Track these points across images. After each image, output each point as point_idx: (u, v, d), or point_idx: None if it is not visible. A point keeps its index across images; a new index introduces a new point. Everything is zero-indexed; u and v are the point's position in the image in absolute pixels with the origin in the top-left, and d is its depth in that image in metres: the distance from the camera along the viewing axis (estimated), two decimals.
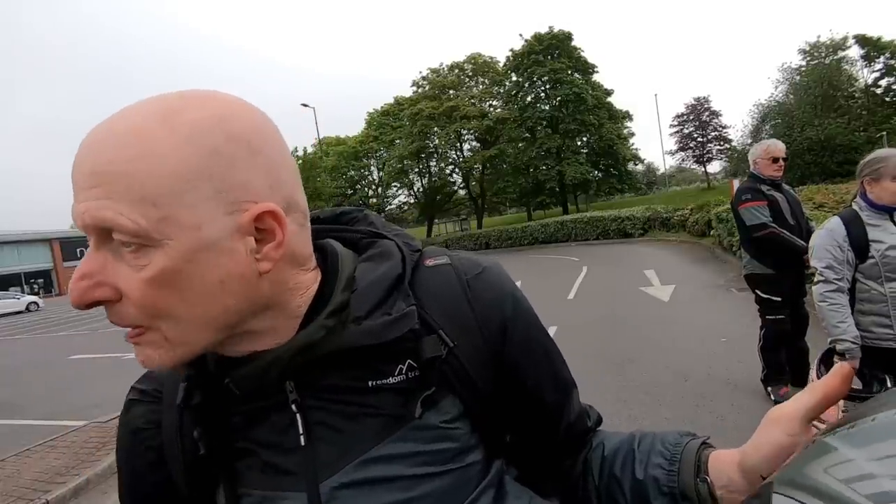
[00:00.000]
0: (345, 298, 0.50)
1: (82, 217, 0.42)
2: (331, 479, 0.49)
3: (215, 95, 0.46)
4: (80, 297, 0.43)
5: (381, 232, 0.59)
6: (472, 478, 0.52)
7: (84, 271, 0.42)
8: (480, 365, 0.54)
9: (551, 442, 0.62)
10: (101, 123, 0.43)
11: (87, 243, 0.45)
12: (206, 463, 0.51)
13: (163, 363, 0.45)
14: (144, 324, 0.44)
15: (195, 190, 0.42)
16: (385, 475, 0.49)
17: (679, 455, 0.54)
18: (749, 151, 3.51)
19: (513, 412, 0.58)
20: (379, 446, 0.49)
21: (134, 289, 0.42)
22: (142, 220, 0.40)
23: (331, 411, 0.50)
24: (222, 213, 0.43)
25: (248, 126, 0.45)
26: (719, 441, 0.54)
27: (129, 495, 0.59)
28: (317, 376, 0.49)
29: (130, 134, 0.41)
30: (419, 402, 0.51)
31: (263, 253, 0.45)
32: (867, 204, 2.05)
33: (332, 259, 0.53)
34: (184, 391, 0.51)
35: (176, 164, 0.41)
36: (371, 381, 0.50)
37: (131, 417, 0.57)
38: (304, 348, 0.47)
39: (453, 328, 0.53)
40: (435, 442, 0.51)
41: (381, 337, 0.49)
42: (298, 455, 0.49)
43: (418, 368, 0.51)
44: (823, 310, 2.06)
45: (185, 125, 0.42)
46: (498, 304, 0.56)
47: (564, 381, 0.62)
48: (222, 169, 0.43)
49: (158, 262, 0.41)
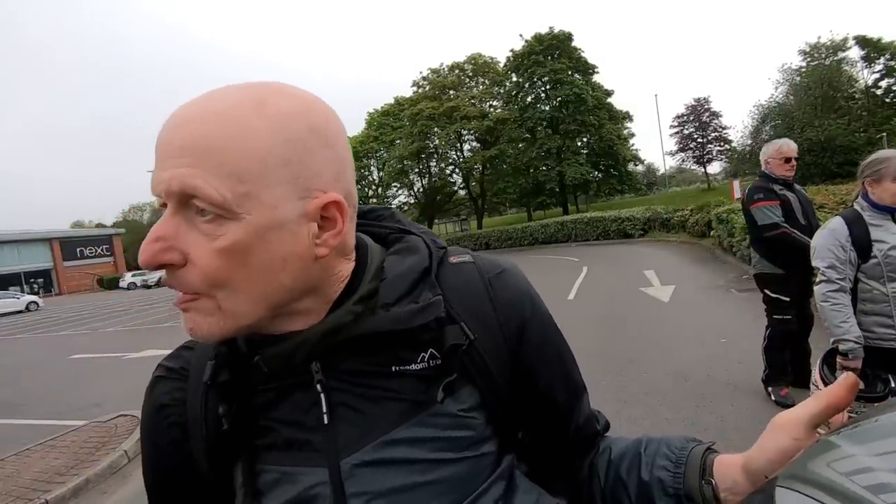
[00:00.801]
0: (373, 287, 0.52)
1: (168, 182, 0.44)
2: (351, 457, 0.50)
3: (298, 89, 0.49)
4: (151, 257, 0.44)
5: (408, 228, 0.62)
6: (485, 467, 0.54)
7: (158, 234, 0.44)
8: (498, 360, 0.56)
9: (561, 442, 0.63)
10: (192, 103, 0.46)
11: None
12: (228, 439, 0.53)
13: (211, 332, 0.47)
14: (203, 291, 0.46)
15: (277, 173, 0.45)
16: (404, 457, 0.51)
17: (685, 458, 0.55)
18: (761, 151, 3.50)
19: (525, 410, 0.59)
20: (399, 429, 0.51)
21: (203, 256, 0.45)
22: (228, 192, 0.43)
23: (354, 393, 0.52)
24: (295, 198, 0.46)
25: (325, 121, 0.49)
26: (720, 442, 0.55)
27: (151, 470, 0.60)
28: (342, 359, 0.51)
29: (226, 115, 0.44)
30: (441, 388, 0.52)
31: (323, 239, 0.48)
32: (869, 204, 2.05)
33: (362, 251, 0.56)
34: (212, 369, 0.53)
35: (264, 147, 0.44)
36: (395, 367, 0.52)
37: (157, 393, 0.58)
38: (332, 331, 0.50)
39: (474, 322, 0.55)
40: (452, 429, 0.53)
41: (408, 323, 0.51)
42: (320, 433, 0.51)
43: (440, 357, 0.53)
44: (826, 310, 2.06)
45: (276, 113, 0.45)
46: (518, 304, 0.58)
47: (575, 384, 0.64)
48: (302, 157, 0.46)
49: (233, 234, 0.44)
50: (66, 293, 43.88)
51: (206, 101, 0.45)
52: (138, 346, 9.79)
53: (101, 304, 24.90)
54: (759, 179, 3.47)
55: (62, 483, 3.67)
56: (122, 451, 4.15)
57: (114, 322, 15.70)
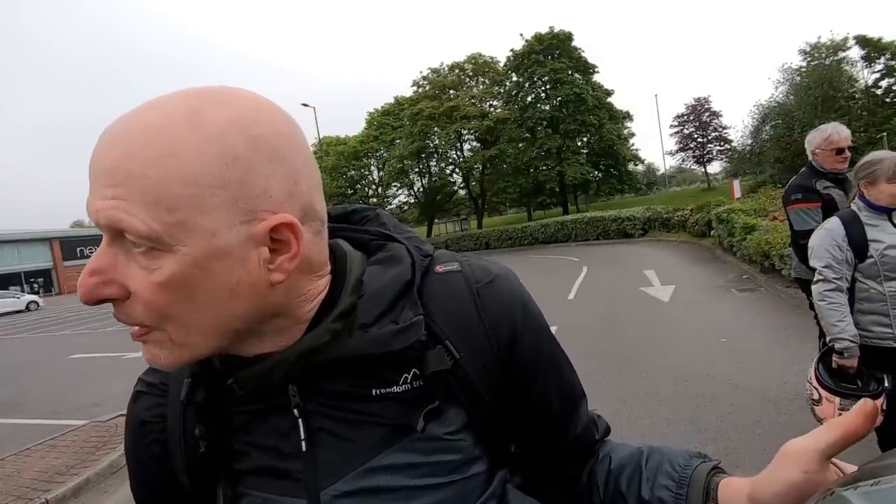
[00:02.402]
0: (352, 302, 0.49)
1: (96, 214, 0.41)
2: (331, 487, 0.48)
3: (239, 95, 0.44)
4: (89, 293, 0.42)
5: (391, 234, 0.58)
6: (474, 489, 0.51)
7: (94, 267, 0.42)
8: (486, 375, 0.53)
9: (557, 452, 0.61)
10: (124, 116, 0.42)
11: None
12: (207, 461, 0.52)
13: (168, 363, 0.45)
14: (151, 324, 0.43)
15: (212, 197, 0.40)
16: (387, 485, 0.48)
17: (688, 478, 0.52)
18: (806, 139, 2.88)
19: (518, 422, 0.57)
20: (381, 455, 0.49)
21: (143, 290, 0.42)
22: (155, 224, 0.39)
23: (333, 418, 0.49)
24: (238, 222, 0.42)
25: (271, 130, 0.44)
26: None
27: (137, 487, 0.59)
28: (320, 381, 0.49)
29: (152, 132, 0.40)
30: (422, 416, 0.50)
31: (277, 264, 0.44)
32: (866, 204, 2.05)
33: (341, 261, 0.52)
34: (188, 387, 0.51)
35: (195, 168, 0.40)
36: (375, 390, 0.49)
37: (138, 409, 0.57)
38: (308, 352, 0.47)
39: (460, 338, 0.52)
40: (438, 453, 0.50)
41: (387, 346, 0.48)
42: (299, 460, 0.49)
43: (423, 378, 0.50)
44: (822, 309, 2.07)
45: (210, 126, 0.41)
46: (508, 314, 0.55)
47: (573, 392, 0.61)
48: (241, 176, 0.41)
49: (169, 267, 0.41)
50: (66, 293, 43.84)
51: (137, 115, 0.41)
52: (137, 345, 9.60)
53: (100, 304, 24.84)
54: (802, 174, 2.88)
55: (62, 483, 3.68)
56: (121, 450, 4.15)
57: (113, 322, 15.57)
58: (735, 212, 10.75)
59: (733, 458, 2.78)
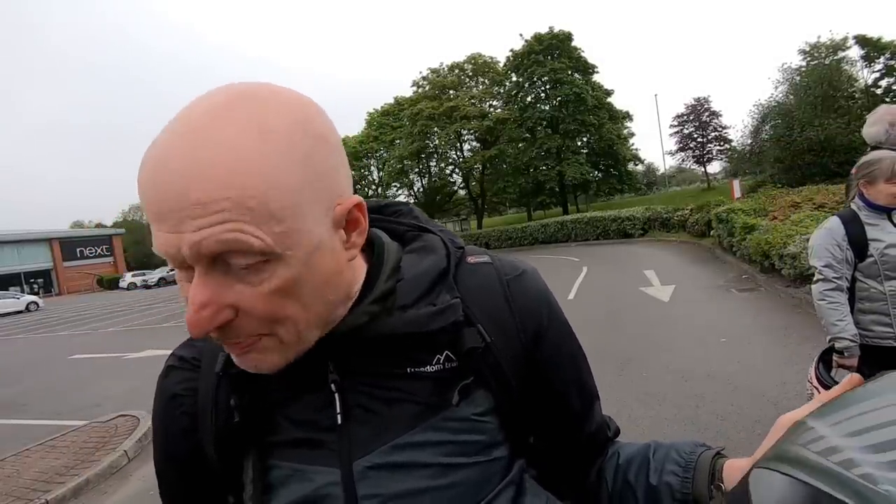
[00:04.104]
0: (390, 287, 0.52)
1: (199, 245, 0.40)
2: (364, 459, 0.50)
3: (287, 96, 0.45)
4: (205, 326, 0.42)
5: (426, 226, 0.61)
6: (496, 472, 0.53)
7: (202, 301, 0.41)
8: (514, 363, 0.55)
9: (572, 448, 0.63)
10: (181, 140, 0.40)
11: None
12: (239, 432, 0.53)
13: (277, 365, 0.47)
14: (263, 332, 0.45)
15: (303, 197, 0.43)
16: (417, 461, 0.50)
17: (694, 463, 0.55)
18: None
19: (538, 414, 0.59)
20: (412, 432, 0.51)
21: (254, 303, 0.43)
22: (268, 237, 0.41)
23: (368, 395, 0.51)
24: (323, 214, 0.45)
25: (322, 122, 0.46)
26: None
27: (162, 459, 0.60)
28: (358, 359, 0.51)
29: (231, 154, 0.39)
30: (457, 391, 0.52)
31: (351, 242, 0.48)
32: (865, 204, 2.05)
33: (378, 248, 0.55)
34: (223, 359, 0.53)
35: (283, 177, 0.41)
36: (409, 368, 0.52)
37: (169, 383, 0.58)
38: (348, 332, 0.49)
39: (491, 325, 0.55)
40: (466, 433, 0.52)
41: (425, 326, 0.51)
42: (334, 434, 0.51)
43: (456, 360, 0.53)
44: (822, 308, 2.07)
45: (278, 135, 0.41)
46: (535, 309, 0.58)
47: (589, 391, 0.63)
48: (316, 172, 0.44)
49: (281, 274, 0.43)
50: (66, 293, 43.88)
51: (200, 136, 0.40)
52: (138, 346, 9.79)
53: (101, 305, 24.90)
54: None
55: (62, 483, 3.68)
56: (122, 451, 4.15)
57: (114, 322, 15.70)
58: (735, 212, 10.76)
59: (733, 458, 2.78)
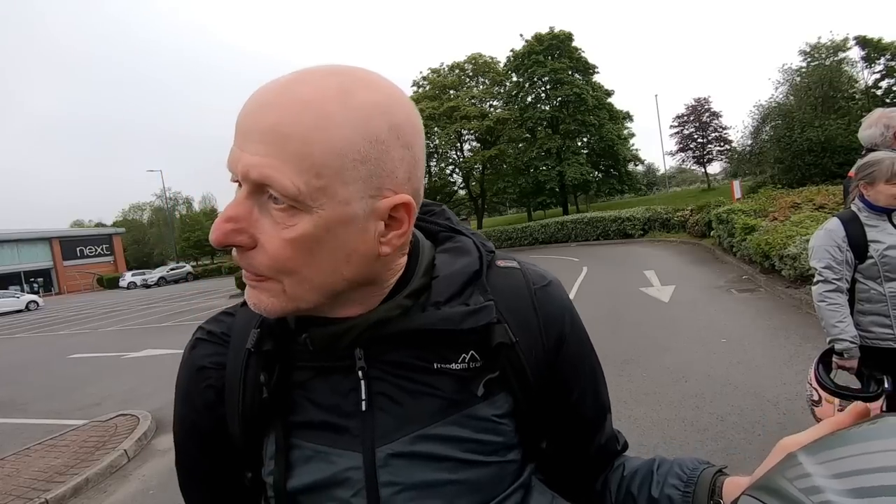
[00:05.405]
0: (423, 283, 0.54)
1: (247, 169, 0.44)
2: (387, 446, 0.52)
3: (383, 83, 0.48)
4: (222, 236, 0.45)
5: (458, 228, 0.62)
6: (508, 474, 0.55)
7: (231, 214, 0.45)
8: (536, 367, 0.57)
9: (581, 456, 0.65)
10: (278, 85, 0.45)
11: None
12: (264, 409, 0.54)
13: (272, 310, 0.49)
14: (270, 275, 0.47)
15: (353, 170, 0.45)
16: (437, 453, 0.52)
17: (695, 479, 0.56)
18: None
19: (553, 421, 0.60)
20: (435, 425, 0.52)
21: (273, 243, 0.45)
22: (304, 186, 0.43)
23: (393, 384, 0.53)
24: (367, 195, 0.46)
25: (405, 119, 0.48)
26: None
27: (182, 431, 0.61)
28: (386, 350, 0.53)
29: (310, 104, 0.43)
30: (482, 384, 0.54)
31: (388, 238, 0.49)
32: (865, 205, 2.05)
33: (414, 245, 0.57)
34: (256, 336, 0.54)
35: (346, 142, 0.44)
36: (436, 363, 0.53)
37: (196, 356, 0.59)
38: (379, 322, 0.51)
39: (518, 326, 0.56)
40: (485, 433, 0.54)
41: (458, 324, 0.52)
42: (357, 419, 0.52)
43: (480, 360, 0.54)
44: (822, 309, 2.07)
45: (360, 107, 0.45)
46: (559, 318, 0.60)
47: (603, 402, 0.65)
48: (378, 156, 0.46)
49: (303, 226, 0.45)
50: (66, 292, 43.87)
51: (292, 85, 0.45)
52: (138, 345, 9.79)
53: (100, 304, 24.90)
54: None
55: (62, 482, 3.68)
56: (121, 450, 4.15)
57: (114, 321, 15.70)
58: (735, 212, 10.75)
59: (733, 458, 2.78)
